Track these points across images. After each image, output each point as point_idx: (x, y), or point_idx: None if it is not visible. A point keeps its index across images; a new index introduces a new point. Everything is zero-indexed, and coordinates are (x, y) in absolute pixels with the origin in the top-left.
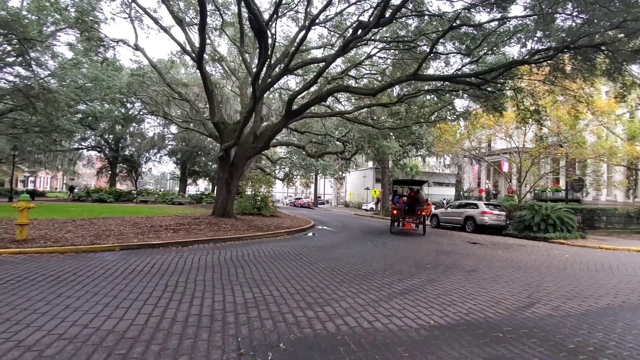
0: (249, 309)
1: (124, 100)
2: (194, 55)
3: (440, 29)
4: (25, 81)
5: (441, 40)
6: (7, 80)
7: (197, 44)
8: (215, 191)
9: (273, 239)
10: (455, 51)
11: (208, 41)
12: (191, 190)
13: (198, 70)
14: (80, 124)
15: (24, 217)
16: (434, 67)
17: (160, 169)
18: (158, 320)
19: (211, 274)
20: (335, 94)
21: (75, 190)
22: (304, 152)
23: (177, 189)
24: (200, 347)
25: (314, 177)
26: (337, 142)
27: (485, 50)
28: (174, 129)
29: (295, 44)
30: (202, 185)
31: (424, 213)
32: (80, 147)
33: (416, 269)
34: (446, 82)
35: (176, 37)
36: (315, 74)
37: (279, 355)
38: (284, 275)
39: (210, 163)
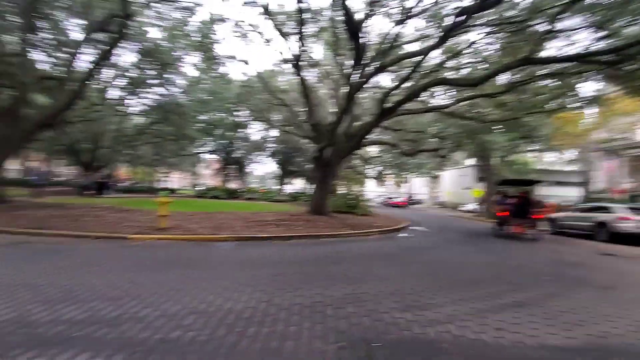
0: (347, 304)
1: (234, 109)
2: (292, 62)
3: (561, 2)
4: (164, 99)
5: (563, 14)
6: (152, 99)
7: (295, 52)
8: (310, 189)
9: (366, 237)
10: (582, 26)
11: (305, 48)
12: (289, 188)
13: (296, 77)
14: (201, 131)
15: (164, 209)
16: (553, 47)
17: (263, 169)
18: (266, 306)
19: (310, 267)
20: (431, 88)
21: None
22: (396, 151)
23: (276, 187)
24: (303, 335)
25: (407, 175)
26: (433, 139)
27: (623, 22)
28: (274, 132)
29: (389, 41)
30: (299, 184)
31: (539, 216)
32: (201, 151)
33: (531, 280)
34: (569, 63)
35: (277, 48)
36: (409, 69)
37: (378, 353)
38: (379, 274)
39: (305, 163)
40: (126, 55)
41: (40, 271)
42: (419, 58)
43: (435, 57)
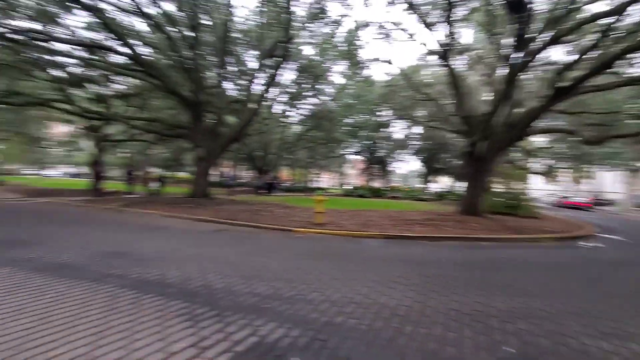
0: (517, 319)
1: (377, 110)
2: (439, 52)
3: None
4: (316, 107)
5: None
6: (307, 109)
7: (442, 41)
8: (457, 188)
9: (534, 244)
10: None
11: (453, 34)
12: (433, 187)
13: (443, 67)
14: (347, 134)
15: (320, 207)
16: None
17: (406, 167)
18: (421, 307)
19: (464, 272)
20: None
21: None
22: (575, 139)
23: (420, 185)
24: (464, 343)
25: (591, 170)
26: (633, 121)
27: None
28: (418, 129)
29: (564, 3)
30: (444, 182)
31: None
32: (346, 152)
33: None
34: None
35: (421, 41)
36: (595, 35)
37: None
38: (555, 289)
39: (452, 160)
40: (286, 74)
41: (236, 252)
42: (610, 19)
43: (635, 12)
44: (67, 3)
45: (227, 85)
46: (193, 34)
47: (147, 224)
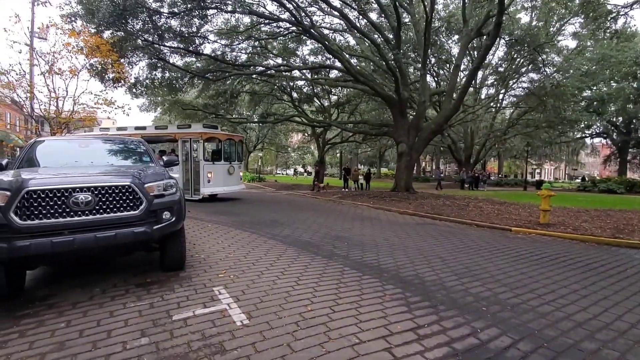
0: None
1: (638, 72)
2: None
3: None
4: (536, 83)
5: None
6: (523, 87)
7: None
8: None
9: None
10: None
11: None
12: None
13: None
14: (585, 111)
15: (546, 203)
16: None
17: None
18: None
19: None
20: None
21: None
22: None
23: None
24: None
25: None
26: None
27: None
28: None
29: None
30: None
31: None
32: (583, 135)
33: None
34: None
35: None
36: None
37: None
38: None
39: None
40: (495, 52)
41: (443, 247)
42: None
43: None
44: (303, 37)
45: (429, 78)
46: (395, 35)
47: (360, 214)
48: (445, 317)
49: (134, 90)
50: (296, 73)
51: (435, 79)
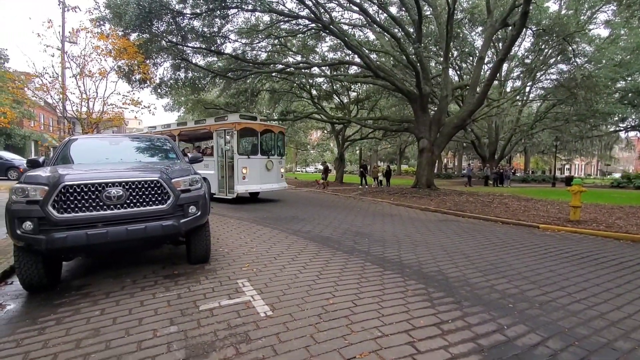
0: None
1: None
2: None
3: None
4: (566, 75)
5: None
6: (551, 79)
7: None
8: None
9: None
10: None
11: None
12: None
13: None
14: (619, 102)
15: (577, 199)
16: None
17: None
18: None
19: None
20: None
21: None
22: None
23: None
24: None
25: None
26: None
27: None
28: None
29: None
30: None
31: None
32: (617, 129)
33: None
34: None
35: None
36: None
37: None
38: None
39: None
40: (521, 44)
41: (468, 244)
42: None
43: None
44: (322, 33)
45: (452, 72)
46: (416, 29)
47: (380, 211)
48: (470, 313)
49: (159, 90)
50: (315, 70)
51: (458, 72)
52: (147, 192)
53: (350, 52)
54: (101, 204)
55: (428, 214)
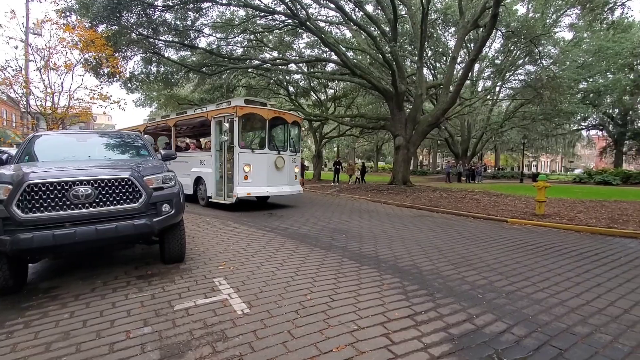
0: None
1: (635, 63)
2: None
3: None
4: (533, 75)
5: None
6: (519, 80)
7: None
8: None
9: None
10: None
11: None
12: None
13: None
14: (581, 103)
15: (542, 195)
16: None
17: None
18: None
19: None
20: None
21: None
22: None
23: None
24: None
25: None
26: None
27: None
28: None
29: None
30: None
31: None
32: (579, 127)
33: None
34: None
35: None
36: None
37: None
38: None
39: None
40: (492, 44)
41: (441, 239)
42: None
43: None
44: (299, 30)
45: (426, 71)
46: (392, 28)
47: (357, 207)
48: (442, 305)
49: (129, 84)
50: (292, 67)
51: (432, 71)
52: (117, 191)
53: (327, 49)
54: (68, 203)
55: (404, 209)
